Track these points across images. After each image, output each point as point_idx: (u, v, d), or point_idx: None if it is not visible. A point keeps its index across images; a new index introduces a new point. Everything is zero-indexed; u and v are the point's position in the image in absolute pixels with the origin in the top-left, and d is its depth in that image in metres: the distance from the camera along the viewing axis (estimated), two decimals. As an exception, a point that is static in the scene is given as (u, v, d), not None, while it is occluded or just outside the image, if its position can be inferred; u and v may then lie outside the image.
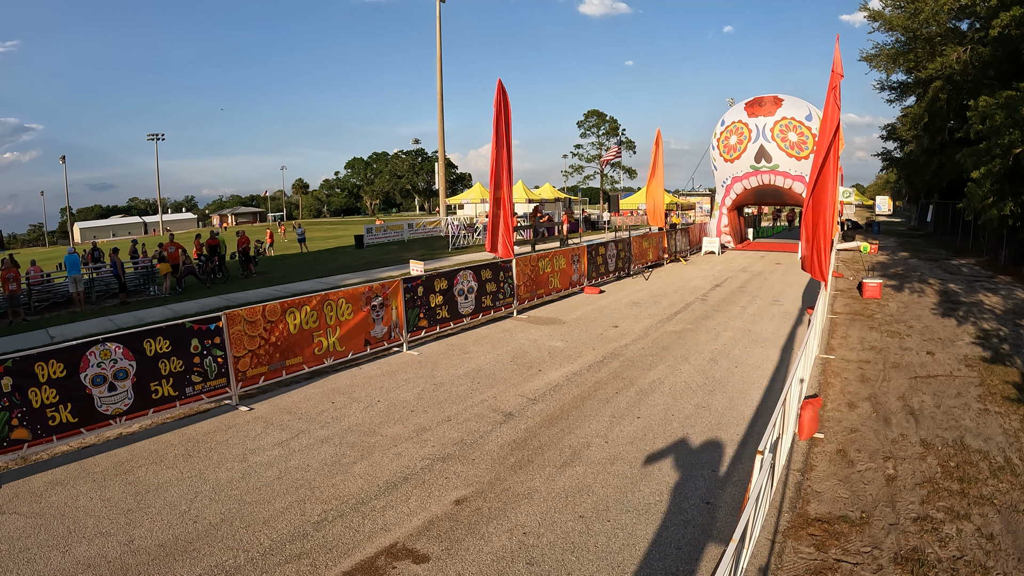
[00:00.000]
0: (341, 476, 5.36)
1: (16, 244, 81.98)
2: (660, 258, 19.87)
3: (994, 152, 14.94)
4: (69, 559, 4.21)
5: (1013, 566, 4.00)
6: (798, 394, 5.82)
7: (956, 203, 20.47)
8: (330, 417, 6.77)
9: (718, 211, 24.51)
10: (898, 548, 4.22)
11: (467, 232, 29.42)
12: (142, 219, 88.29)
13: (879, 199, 47.50)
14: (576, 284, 14.51)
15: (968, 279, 16.03)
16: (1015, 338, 9.69)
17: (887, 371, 8.15)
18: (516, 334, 10.51)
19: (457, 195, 51.31)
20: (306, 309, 7.90)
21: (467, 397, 7.35)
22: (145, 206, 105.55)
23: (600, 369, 8.35)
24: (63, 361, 5.71)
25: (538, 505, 4.80)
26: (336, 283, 17.09)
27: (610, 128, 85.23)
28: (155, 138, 72.97)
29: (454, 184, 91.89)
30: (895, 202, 59.87)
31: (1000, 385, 7.45)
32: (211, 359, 6.86)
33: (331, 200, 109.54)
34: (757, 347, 9.31)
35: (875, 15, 24.54)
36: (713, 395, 7.20)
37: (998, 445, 5.78)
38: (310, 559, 4.17)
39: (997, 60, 20.09)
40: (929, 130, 26.64)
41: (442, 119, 37.78)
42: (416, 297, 9.65)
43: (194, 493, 5.11)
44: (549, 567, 4.03)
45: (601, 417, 6.60)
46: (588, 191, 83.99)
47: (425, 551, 4.23)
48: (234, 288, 17.36)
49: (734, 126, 22.10)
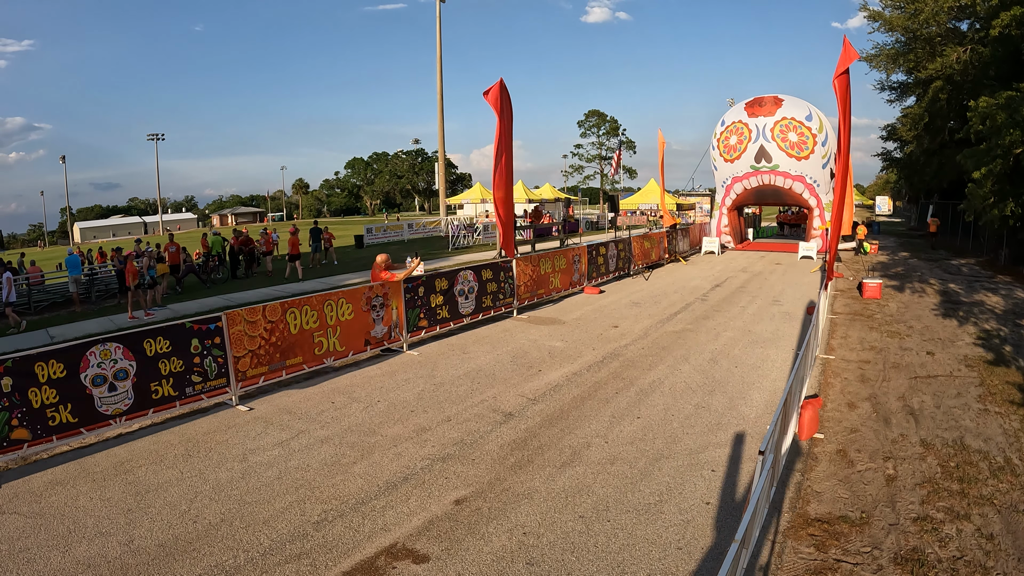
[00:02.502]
0: (341, 476, 5.36)
1: (16, 244, 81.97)
2: (660, 258, 19.88)
3: (994, 152, 14.93)
4: (69, 559, 4.21)
5: (1013, 566, 4.00)
6: (798, 394, 5.82)
7: (956, 203, 20.48)
8: (330, 417, 6.77)
9: (718, 211, 24.52)
10: (898, 548, 4.22)
11: (467, 232, 29.41)
12: (142, 219, 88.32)
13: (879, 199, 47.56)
14: (576, 284, 14.51)
15: (968, 279, 16.03)
16: (1015, 338, 9.69)
17: (887, 371, 8.15)
18: (516, 334, 10.51)
19: (457, 195, 51.31)
20: (306, 309, 7.90)
21: (467, 397, 7.35)
22: (145, 206, 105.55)
23: (600, 369, 8.35)
24: (63, 361, 5.72)
25: (538, 505, 4.80)
26: (336, 283, 17.11)
27: (610, 128, 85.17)
28: (155, 138, 73.06)
29: (454, 184, 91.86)
30: (895, 202, 59.94)
31: (1000, 385, 7.45)
32: (211, 359, 6.86)
33: (331, 200, 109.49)
34: (757, 347, 9.30)
35: (875, 15, 24.51)
36: (713, 395, 7.20)
37: (998, 445, 5.78)
38: (310, 559, 4.17)
39: (997, 60, 20.08)
40: (929, 130, 26.63)
41: (442, 119, 37.78)
42: (416, 297, 9.65)
43: (194, 493, 5.11)
44: (549, 567, 4.03)
45: (601, 417, 6.60)
46: (588, 191, 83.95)
47: (425, 551, 4.23)
48: (234, 288, 17.36)
49: (734, 126, 22.10)
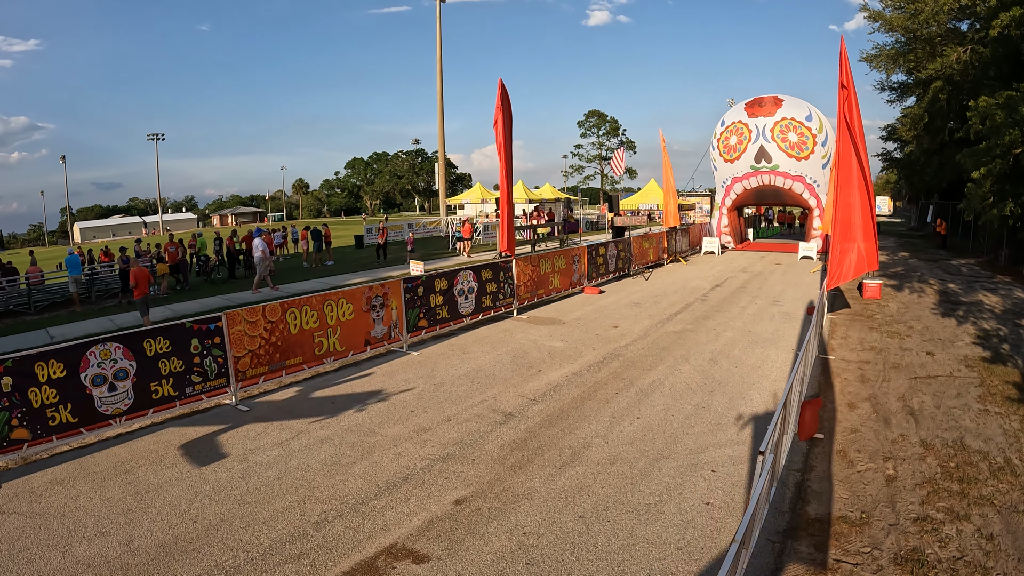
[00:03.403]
0: (341, 476, 5.36)
1: (16, 244, 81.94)
2: (660, 258, 19.88)
3: (994, 152, 14.92)
4: (69, 559, 4.21)
5: (1013, 566, 4.00)
6: (798, 394, 5.82)
7: (956, 203, 20.46)
8: (330, 417, 6.77)
9: (718, 211, 24.51)
10: (898, 548, 4.22)
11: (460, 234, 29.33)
12: (142, 219, 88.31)
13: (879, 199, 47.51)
14: (576, 284, 14.51)
15: (968, 279, 16.03)
16: (1015, 338, 9.69)
17: (887, 371, 8.15)
18: (516, 334, 10.51)
19: (457, 195, 51.28)
20: (306, 309, 7.90)
21: (467, 397, 7.35)
22: (145, 206, 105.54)
23: (600, 369, 8.35)
24: (63, 361, 5.72)
25: (538, 505, 4.80)
26: (336, 283, 17.10)
27: (610, 128, 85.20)
28: (155, 138, 72.94)
29: (454, 184, 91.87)
30: (895, 202, 59.95)
31: (1000, 385, 7.45)
32: (211, 359, 6.86)
33: (331, 200, 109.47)
34: (757, 347, 9.30)
35: (875, 15, 24.49)
36: (713, 395, 7.20)
37: (998, 445, 5.78)
38: (310, 559, 4.17)
39: (997, 60, 20.08)
40: (929, 130, 26.61)
41: (442, 119, 37.79)
42: (416, 297, 9.65)
43: (194, 493, 5.11)
44: (549, 567, 4.03)
45: (601, 417, 6.60)
46: (588, 191, 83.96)
47: (425, 551, 4.23)
48: (234, 288, 17.36)
49: (734, 126, 22.10)
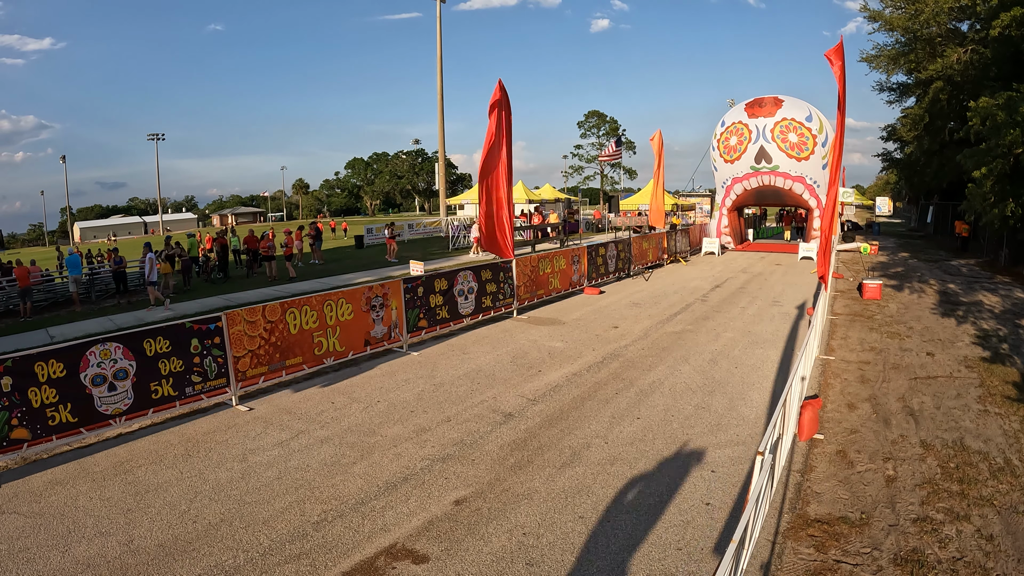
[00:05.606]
0: (341, 476, 5.36)
1: (16, 244, 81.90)
2: (660, 259, 19.88)
3: (995, 152, 14.92)
4: (69, 559, 4.21)
5: (1013, 567, 4.00)
6: (798, 395, 5.82)
7: (956, 204, 20.47)
8: (330, 417, 6.77)
9: (718, 212, 24.51)
10: (898, 549, 4.22)
11: (467, 233, 29.40)
12: (142, 219, 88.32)
13: (879, 200, 47.47)
14: (576, 285, 14.51)
15: (968, 280, 16.03)
16: (1015, 338, 9.69)
17: (887, 372, 8.15)
18: (516, 334, 10.51)
19: (457, 195, 51.27)
20: (306, 309, 7.90)
21: (467, 397, 7.35)
22: (145, 206, 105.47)
23: (600, 370, 8.35)
24: (63, 361, 5.72)
25: (538, 505, 4.80)
26: (336, 283, 17.11)
27: (610, 128, 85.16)
28: (155, 138, 72.87)
29: (454, 184, 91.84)
30: (895, 203, 59.90)
31: (1000, 386, 7.45)
32: (211, 359, 6.86)
33: (331, 200, 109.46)
34: (757, 348, 9.30)
35: (875, 16, 24.51)
36: (713, 396, 7.20)
37: (998, 446, 5.78)
38: (310, 559, 4.17)
39: (997, 61, 20.08)
40: (929, 131, 26.60)
41: (442, 119, 37.77)
42: (416, 297, 9.65)
43: (194, 493, 5.11)
44: (549, 567, 4.03)
45: (601, 418, 6.60)
46: (588, 191, 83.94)
47: (425, 551, 4.23)
48: (234, 288, 17.36)
49: (734, 127, 22.10)
